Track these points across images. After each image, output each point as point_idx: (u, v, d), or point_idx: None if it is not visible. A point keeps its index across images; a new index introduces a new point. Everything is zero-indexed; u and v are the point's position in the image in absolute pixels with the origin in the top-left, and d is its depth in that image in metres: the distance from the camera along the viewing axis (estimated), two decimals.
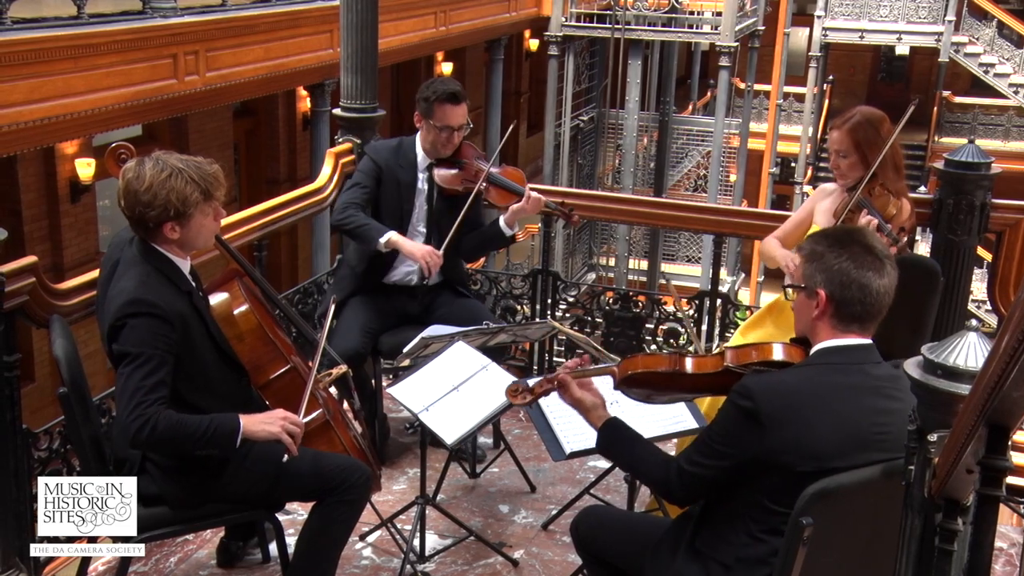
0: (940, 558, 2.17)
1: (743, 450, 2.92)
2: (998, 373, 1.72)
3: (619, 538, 3.39)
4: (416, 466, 4.91)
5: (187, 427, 3.43)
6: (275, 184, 16.60)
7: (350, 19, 6.01)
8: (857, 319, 3.00)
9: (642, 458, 3.21)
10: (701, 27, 19.07)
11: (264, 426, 3.54)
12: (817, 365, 3.02)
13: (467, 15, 19.42)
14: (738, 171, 20.92)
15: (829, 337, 3.02)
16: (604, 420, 3.29)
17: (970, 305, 5.82)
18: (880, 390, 2.98)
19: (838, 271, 2.99)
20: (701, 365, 3.24)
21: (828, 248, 3.04)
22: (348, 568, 4.40)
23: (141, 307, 3.39)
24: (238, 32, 13.04)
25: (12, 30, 10.08)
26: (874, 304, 2.99)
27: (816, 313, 3.02)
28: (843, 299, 2.98)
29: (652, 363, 3.28)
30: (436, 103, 5.01)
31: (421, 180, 5.15)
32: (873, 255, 3.01)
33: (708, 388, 3.34)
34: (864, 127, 4.47)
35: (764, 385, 2.95)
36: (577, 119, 19.96)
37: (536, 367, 6.20)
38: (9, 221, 11.74)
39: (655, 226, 14.33)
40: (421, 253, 4.93)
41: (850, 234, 3.11)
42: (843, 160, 4.51)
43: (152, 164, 3.45)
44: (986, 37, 24.68)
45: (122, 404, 3.38)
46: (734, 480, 2.98)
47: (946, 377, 2.13)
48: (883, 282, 3.00)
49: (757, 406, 2.89)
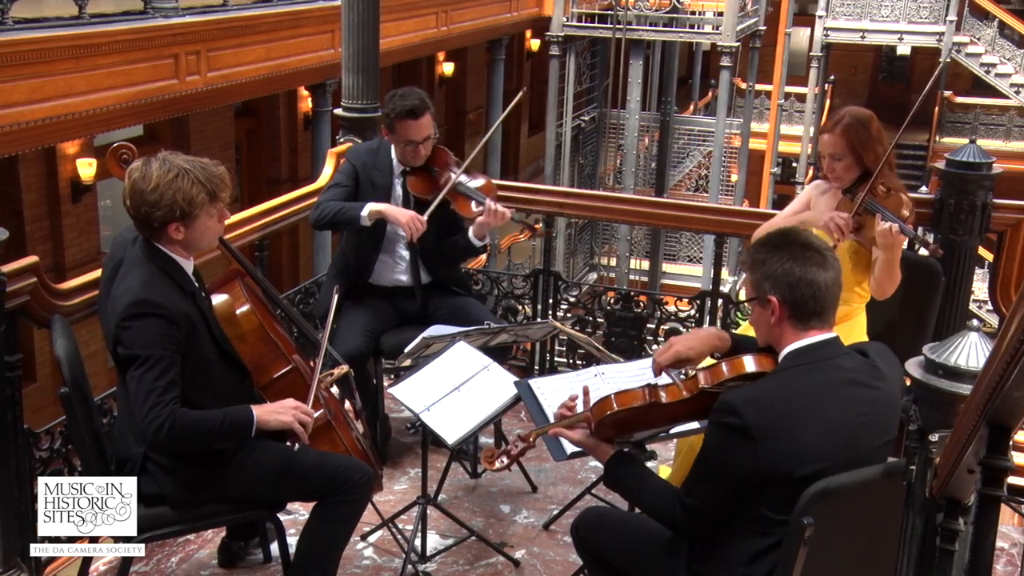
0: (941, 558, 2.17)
1: (739, 469, 2.91)
2: (999, 373, 1.72)
3: (620, 538, 3.39)
4: (417, 466, 4.91)
5: (203, 423, 3.47)
6: (276, 184, 16.58)
7: (351, 19, 6.02)
8: (815, 315, 3.01)
9: (649, 495, 3.21)
10: (702, 27, 19.03)
11: (277, 415, 3.59)
12: (791, 368, 3.01)
13: (468, 15, 19.41)
14: (739, 171, 20.89)
15: (793, 340, 3.03)
16: (609, 456, 3.29)
17: (971, 305, 5.81)
18: (856, 380, 3.00)
19: (783, 273, 3.00)
20: (675, 393, 3.18)
21: (768, 254, 3.05)
22: (349, 568, 4.39)
23: (147, 307, 3.40)
24: (239, 32, 13.03)
25: (13, 30, 10.08)
26: (826, 297, 3.00)
27: (774, 320, 3.03)
28: (795, 299, 2.99)
29: (626, 400, 3.21)
30: (396, 120, 4.96)
31: (396, 185, 5.15)
32: (812, 250, 3.03)
33: (688, 415, 3.29)
34: (856, 128, 4.45)
35: (745, 398, 2.94)
36: (578, 119, 19.93)
37: (537, 367, 6.20)
38: (10, 221, 11.73)
39: (656, 226, 14.33)
40: (406, 218, 4.90)
41: (785, 236, 3.12)
42: (838, 163, 4.49)
43: (159, 164, 3.45)
44: (987, 37, 24.67)
45: (137, 407, 3.39)
46: (737, 501, 2.97)
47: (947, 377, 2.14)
48: (828, 275, 3.01)
49: (743, 420, 2.87)
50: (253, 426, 3.55)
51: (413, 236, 4.92)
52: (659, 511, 3.16)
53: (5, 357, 3.85)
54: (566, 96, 19.23)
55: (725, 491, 2.96)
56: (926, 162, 23.89)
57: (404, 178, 5.10)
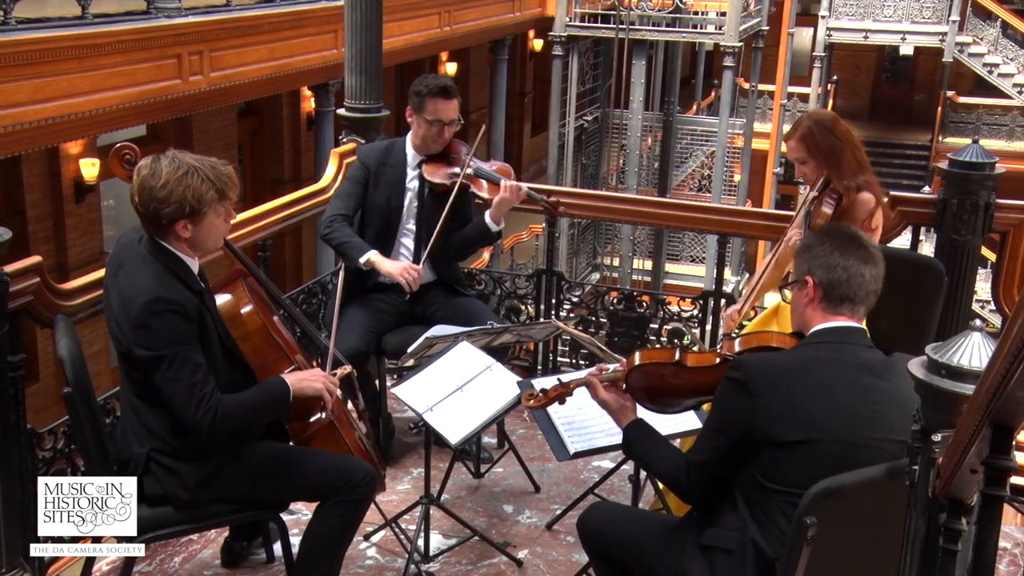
0: (944, 558, 2.17)
1: (735, 423, 3.02)
2: (1002, 373, 1.72)
3: (625, 531, 3.41)
4: (420, 466, 4.91)
5: (245, 404, 3.55)
6: (279, 184, 16.61)
7: (354, 19, 6.02)
8: (846, 300, 3.13)
9: (659, 457, 3.32)
10: (705, 27, 19.03)
11: (310, 382, 3.68)
12: (810, 344, 3.14)
13: (471, 15, 19.41)
14: (742, 171, 20.89)
15: (821, 321, 3.15)
16: (630, 420, 3.42)
17: (974, 305, 5.82)
18: (870, 369, 3.07)
19: (824, 257, 3.15)
20: (701, 359, 3.37)
21: (816, 241, 3.23)
22: (352, 568, 4.40)
23: (164, 305, 3.40)
24: (242, 32, 13.04)
25: (16, 30, 10.08)
26: (860, 286, 3.13)
27: (807, 300, 3.17)
28: (830, 281, 3.12)
29: (655, 355, 3.41)
30: (428, 97, 5.04)
31: (411, 177, 5.17)
32: (858, 243, 3.19)
33: (711, 383, 3.34)
34: (814, 131, 4.50)
35: (755, 359, 3.12)
36: (581, 119, 19.92)
37: (540, 367, 6.20)
38: (13, 221, 11.75)
39: (659, 226, 14.36)
40: (399, 271, 4.96)
41: (837, 228, 3.34)
42: (804, 167, 4.57)
43: (168, 162, 3.46)
44: (990, 37, 24.68)
45: (182, 407, 3.42)
46: (733, 463, 3.07)
47: (950, 377, 2.13)
48: (869, 268, 3.14)
49: (746, 375, 3.01)
50: (290, 394, 3.61)
51: (411, 287, 4.97)
52: (668, 472, 3.26)
53: (8, 357, 3.85)
54: (569, 96, 19.23)
55: (724, 446, 3.07)
56: (929, 162, 23.89)
57: (420, 168, 5.13)
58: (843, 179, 4.46)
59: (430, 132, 5.07)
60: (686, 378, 3.37)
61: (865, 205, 4.48)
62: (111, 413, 4.27)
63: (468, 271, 6.22)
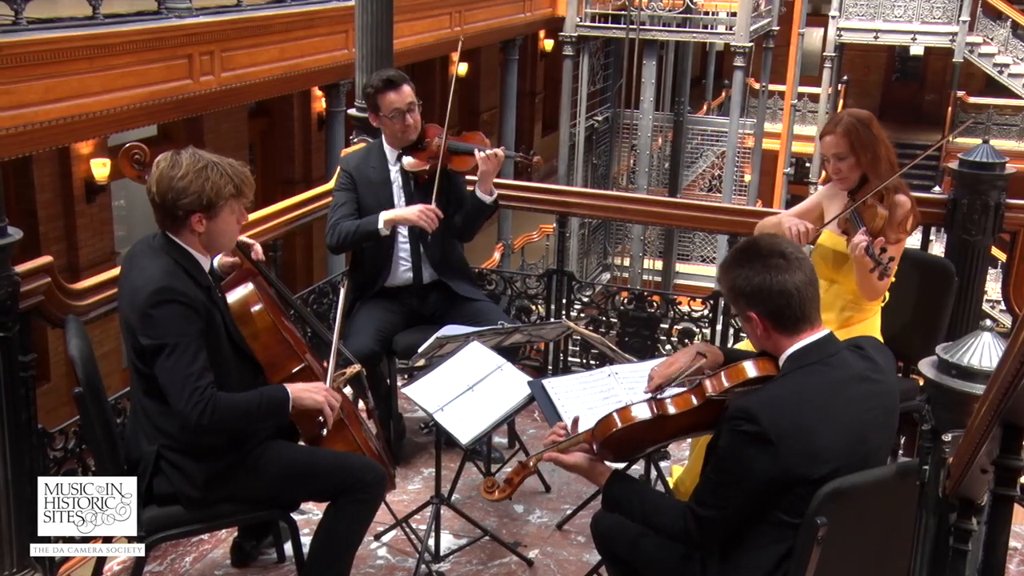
0: (955, 558, 2.17)
1: (758, 476, 2.89)
2: (1013, 372, 1.72)
3: (637, 536, 3.35)
4: (431, 466, 4.92)
5: (241, 404, 3.52)
6: (290, 184, 16.62)
7: (365, 19, 6.03)
8: (798, 319, 2.99)
9: (655, 511, 3.17)
10: (716, 27, 19.02)
11: (310, 394, 3.66)
12: (797, 371, 2.99)
13: (482, 15, 19.41)
14: (753, 171, 20.86)
15: (788, 345, 3.02)
16: (607, 477, 3.25)
17: (984, 305, 5.80)
18: (861, 376, 3.01)
19: (753, 289, 2.99)
20: (682, 403, 3.13)
21: (735, 271, 3.04)
22: (363, 568, 4.40)
23: (169, 295, 3.41)
24: (253, 32, 13.06)
25: (28, 30, 10.11)
26: (802, 300, 2.97)
27: (761, 332, 3.03)
28: (773, 310, 2.98)
29: (630, 416, 3.15)
30: (377, 95, 5.07)
31: (394, 173, 5.18)
32: (775, 257, 2.99)
33: (695, 427, 3.23)
34: (857, 127, 4.43)
35: (759, 403, 2.91)
36: (592, 119, 19.93)
37: (551, 367, 6.20)
38: (25, 221, 11.79)
39: (670, 226, 14.34)
40: (416, 213, 4.95)
41: (746, 249, 3.09)
42: (842, 163, 4.45)
43: (188, 155, 3.50)
44: (1000, 37, 24.60)
45: (174, 395, 3.41)
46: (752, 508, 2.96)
47: (960, 377, 2.13)
48: (797, 277, 2.97)
49: (763, 427, 2.85)
50: (289, 403, 3.60)
51: (430, 227, 4.94)
52: (668, 526, 3.11)
53: (19, 357, 3.86)
54: (580, 96, 19.23)
55: (742, 499, 2.93)
56: (939, 162, 23.83)
57: (400, 163, 5.13)
58: (880, 178, 4.40)
59: (395, 125, 5.09)
60: (668, 426, 3.16)
61: (903, 207, 4.43)
62: (122, 413, 4.28)
63: (479, 271, 6.22)
